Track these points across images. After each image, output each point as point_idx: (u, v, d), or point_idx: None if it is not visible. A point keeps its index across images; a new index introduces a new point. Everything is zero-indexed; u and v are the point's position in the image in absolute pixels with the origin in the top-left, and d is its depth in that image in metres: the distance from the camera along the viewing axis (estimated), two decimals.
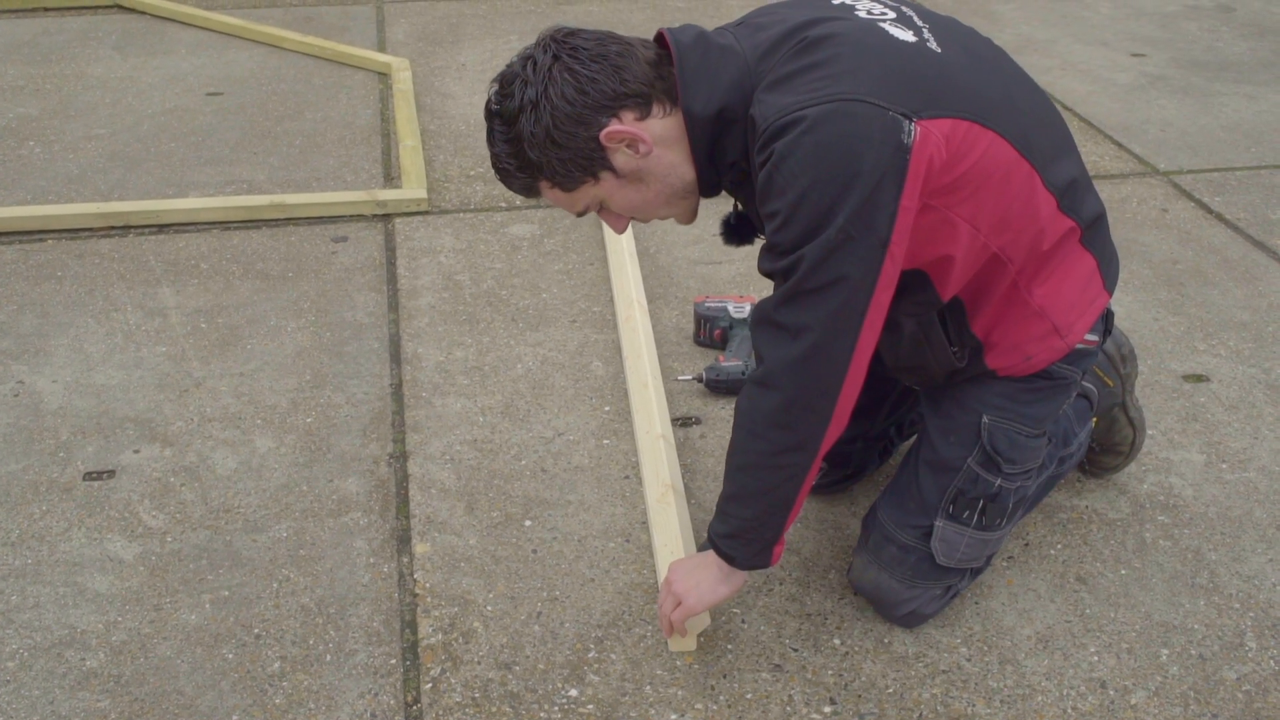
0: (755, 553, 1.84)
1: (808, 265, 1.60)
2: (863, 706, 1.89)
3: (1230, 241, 3.33)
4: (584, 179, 1.72)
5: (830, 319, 1.63)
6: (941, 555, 1.95)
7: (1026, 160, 1.70)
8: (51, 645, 1.98)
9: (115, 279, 3.05)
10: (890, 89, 1.58)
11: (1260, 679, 1.95)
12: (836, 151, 1.55)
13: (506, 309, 2.95)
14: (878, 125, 1.55)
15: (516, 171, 1.75)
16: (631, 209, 1.78)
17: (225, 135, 3.91)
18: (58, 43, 4.74)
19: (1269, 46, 4.91)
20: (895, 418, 2.28)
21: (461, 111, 4.13)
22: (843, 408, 1.70)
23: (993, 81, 1.72)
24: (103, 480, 2.35)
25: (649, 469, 2.32)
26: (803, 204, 1.57)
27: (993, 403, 1.91)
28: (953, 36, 1.73)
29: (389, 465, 2.41)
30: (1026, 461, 1.93)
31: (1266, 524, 2.28)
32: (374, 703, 1.88)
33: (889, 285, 1.64)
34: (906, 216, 1.60)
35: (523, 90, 1.67)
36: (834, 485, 2.32)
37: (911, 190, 1.58)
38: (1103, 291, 1.90)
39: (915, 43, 1.66)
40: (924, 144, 1.57)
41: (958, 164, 1.63)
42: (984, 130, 1.64)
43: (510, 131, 1.71)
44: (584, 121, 1.66)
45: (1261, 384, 2.69)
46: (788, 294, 1.64)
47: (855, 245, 1.58)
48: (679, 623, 1.90)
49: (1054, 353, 1.87)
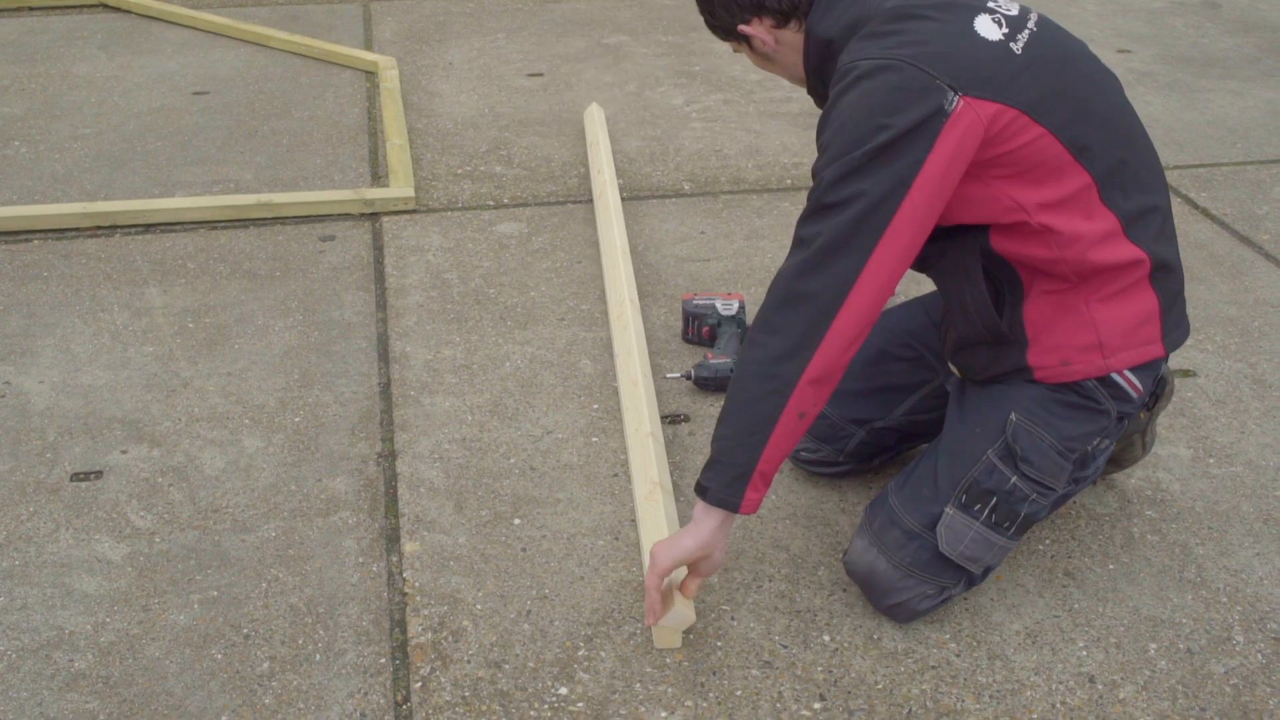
0: (727, 482, 1.82)
1: (828, 180, 1.74)
2: (852, 703, 1.89)
3: (1216, 237, 3.34)
4: (730, 39, 2.02)
5: (842, 230, 1.73)
6: (945, 543, 1.95)
7: (1084, 169, 1.81)
8: (39, 646, 1.97)
9: (102, 279, 3.04)
10: (949, 67, 1.73)
11: (1248, 673, 1.96)
12: (880, 99, 1.72)
13: (495, 307, 2.95)
14: (922, 84, 1.71)
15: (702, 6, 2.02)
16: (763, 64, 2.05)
17: (212, 134, 3.90)
18: (43, 42, 4.73)
19: (1254, 42, 4.92)
20: (909, 421, 2.26)
21: (449, 110, 4.13)
22: (839, 332, 1.75)
23: (1068, 91, 1.82)
24: (90, 481, 2.34)
25: (638, 467, 2.32)
26: (840, 134, 1.74)
27: (1024, 405, 1.94)
28: (1048, 46, 1.84)
29: (377, 464, 2.40)
30: (1045, 471, 1.93)
31: (1253, 518, 2.29)
32: (364, 702, 1.88)
33: (909, 228, 1.73)
34: (933, 171, 1.71)
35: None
36: (821, 466, 2.32)
37: (942, 149, 1.71)
38: (1158, 340, 1.94)
39: (998, 41, 1.79)
40: (963, 114, 1.71)
41: (1001, 144, 1.76)
42: (1033, 123, 1.76)
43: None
44: (730, 10, 1.96)
45: (1248, 379, 2.71)
46: (809, 209, 1.79)
47: (875, 171, 1.71)
48: (651, 587, 1.88)
49: (1092, 368, 1.91)
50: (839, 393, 2.15)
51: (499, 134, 3.94)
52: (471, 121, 4.04)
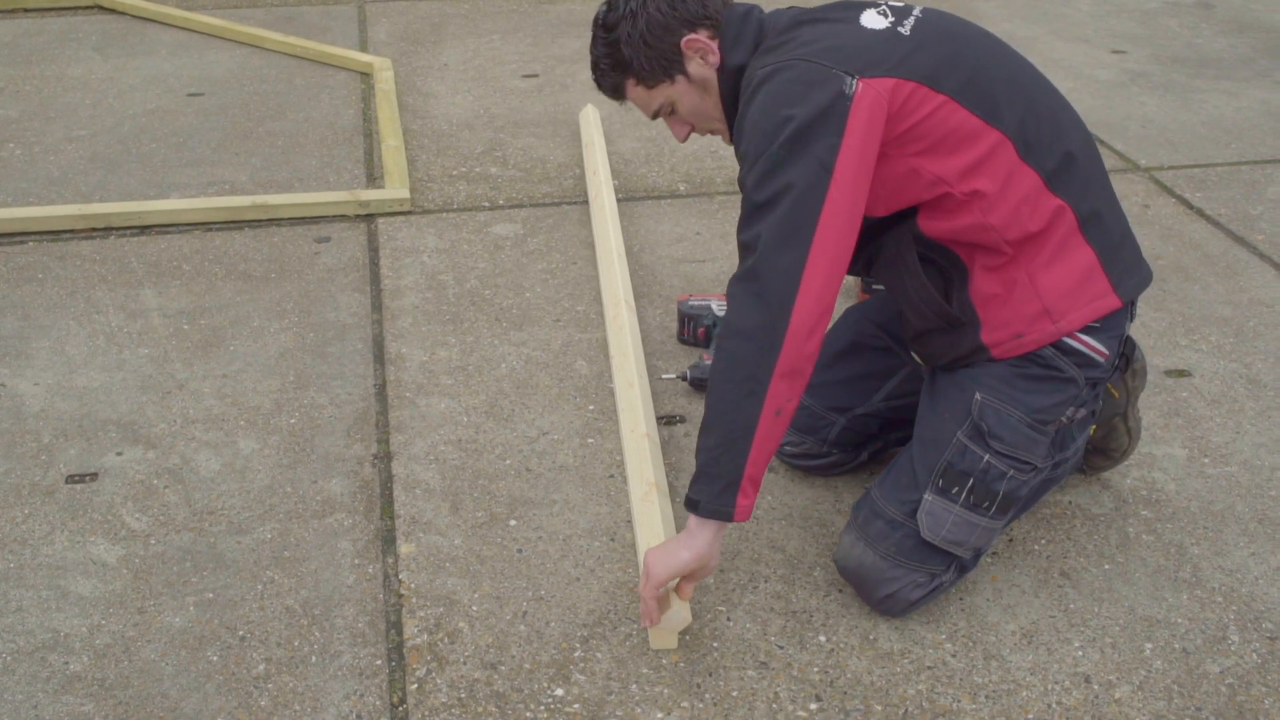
0: (716, 492, 1.83)
1: (753, 181, 1.82)
2: (848, 703, 1.89)
3: (1211, 237, 3.35)
4: (663, 78, 2.02)
5: (778, 225, 1.80)
6: (926, 529, 1.96)
7: (995, 129, 1.88)
8: (35, 649, 1.97)
9: (97, 281, 3.04)
10: (841, 57, 1.83)
11: (1243, 672, 1.96)
12: (782, 95, 1.83)
13: (490, 309, 2.95)
14: (819, 76, 1.82)
15: (610, 70, 2.05)
16: (694, 112, 2.06)
17: (207, 136, 3.90)
18: (37, 44, 4.72)
19: (1248, 43, 4.93)
20: (888, 407, 2.27)
21: (444, 111, 4.13)
22: (798, 322, 1.78)
23: (961, 61, 1.90)
24: (85, 483, 2.34)
25: (634, 467, 2.32)
26: (752, 136, 1.84)
27: (988, 384, 1.98)
28: (936, 29, 1.94)
29: (373, 466, 2.40)
30: (1017, 446, 1.95)
31: (1248, 518, 2.29)
32: (359, 704, 1.88)
33: (839, 213, 1.80)
34: (850, 154, 1.79)
35: (626, 4, 2.00)
36: (807, 459, 2.32)
37: (854, 129, 1.79)
38: (1109, 293, 1.95)
39: (884, 29, 1.90)
40: (864, 94, 1.80)
41: (906, 118, 1.84)
42: (933, 93, 1.85)
43: (609, 36, 2.02)
44: (671, 30, 1.98)
45: (1243, 379, 2.71)
46: (743, 216, 1.86)
47: (795, 162, 1.79)
48: (647, 598, 1.90)
49: (1044, 334, 1.94)
50: (816, 384, 2.21)
51: (494, 135, 3.94)
52: (467, 123, 4.04)
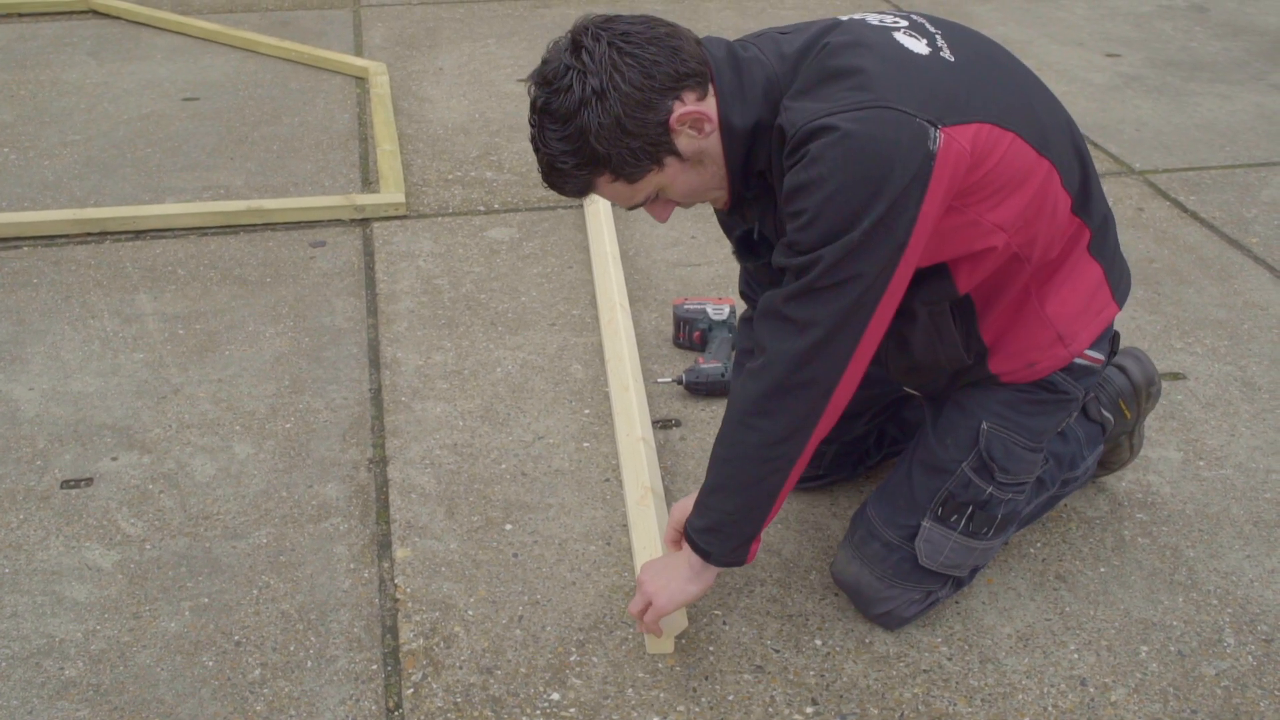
0: (732, 549, 1.84)
1: (826, 264, 1.61)
2: (844, 707, 1.89)
3: (1205, 240, 3.35)
4: (650, 167, 1.68)
5: (839, 315, 1.65)
6: (925, 556, 1.95)
7: (1046, 159, 1.73)
8: (30, 654, 1.97)
9: (92, 286, 3.04)
10: (914, 97, 1.60)
11: (1239, 674, 1.96)
12: (867, 156, 1.57)
13: (485, 313, 2.95)
14: (907, 133, 1.58)
15: (575, 170, 1.67)
16: (690, 192, 1.76)
17: (202, 140, 3.90)
18: (32, 49, 4.72)
19: (1242, 46, 4.94)
20: (875, 425, 2.28)
21: (439, 115, 4.13)
22: (835, 405, 1.72)
23: (1008, 85, 1.75)
24: (80, 488, 2.34)
25: (629, 472, 2.32)
26: (830, 205, 1.59)
27: (994, 410, 1.92)
28: (965, 43, 1.76)
29: (369, 470, 2.40)
30: (1020, 473, 1.94)
31: (1244, 520, 2.29)
32: (355, 709, 1.88)
33: (900, 288, 1.67)
34: (926, 222, 1.63)
35: (582, 82, 1.60)
36: (803, 483, 2.31)
37: (934, 196, 1.61)
38: (1111, 302, 1.92)
39: (930, 53, 1.69)
40: (948, 150, 1.60)
41: (980, 166, 1.65)
42: (1004, 132, 1.67)
43: (568, 128, 1.62)
44: (652, 106, 1.62)
45: (1237, 381, 2.71)
46: (801, 289, 1.65)
47: (875, 248, 1.61)
48: (650, 624, 1.90)
49: (1057, 360, 1.90)
50: None
51: (489, 139, 3.94)
52: (462, 127, 4.04)
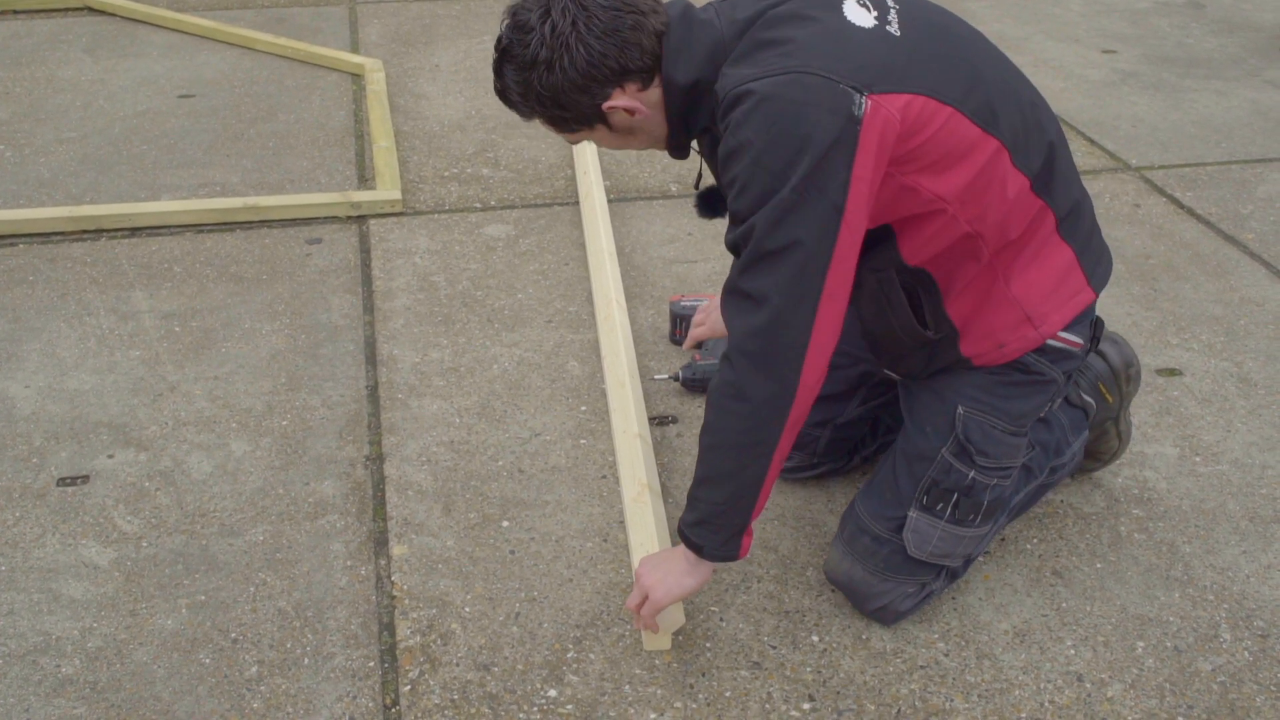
0: (724, 541, 1.83)
1: (762, 227, 1.65)
2: (841, 703, 1.89)
3: (1202, 236, 3.36)
4: (580, 129, 1.82)
5: (788, 283, 1.67)
6: (913, 546, 1.95)
7: (993, 137, 1.74)
8: (26, 652, 1.97)
9: (88, 283, 3.03)
10: (843, 66, 1.64)
11: (1235, 670, 1.96)
12: (787, 118, 1.62)
13: (482, 310, 2.95)
14: (828, 95, 1.62)
15: (520, 103, 1.80)
16: (618, 148, 1.89)
17: (198, 138, 3.89)
18: (27, 46, 4.71)
19: (1238, 43, 4.94)
20: (869, 409, 2.27)
21: (435, 112, 4.13)
22: (808, 379, 1.72)
23: (955, 62, 1.75)
24: (77, 486, 2.33)
25: (626, 468, 2.32)
26: (757, 168, 1.64)
27: (969, 394, 1.93)
28: (917, 19, 1.77)
29: (365, 467, 2.40)
30: (1002, 457, 1.94)
31: (1239, 516, 2.30)
32: (352, 705, 1.88)
33: (848, 254, 1.68)
34: (861, 186, 1.64)
35: (538, 46, 1.71)
36: (798, 472, 2.33)
37: (864, 160, 1.63)
38: (1085, 287, 1.91)
39: (873, 27, 1.71)
40: (874, 116, 1.62)
41: (913, 137, 1.67)
42: (940, 105, 1.68)
43: (520, 74, 1.75)
44: (589, 91, 1.74)
45: (1233, 377, 2.72)
46: (746, 259, 1.69)
47: (808, 208, 1.63)
48: (648, 618, 1.90)
49: (1026, 342, 1.89)
50: None
51: (486, 136, 3.94)
52: (458, 124, 4.04)
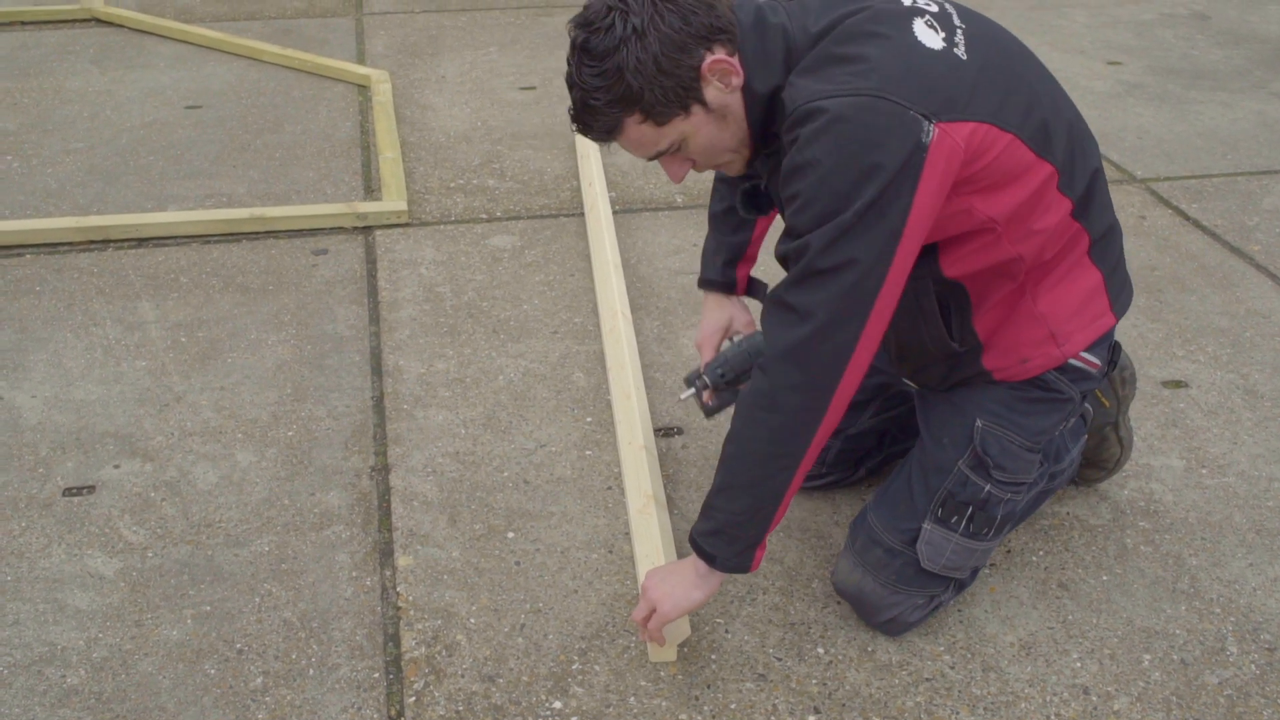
0: (738, 552, 1.83)
1: (818, 246, 1.64)
2: (847, 715, 1.89)
3: (1207, 248, 3.35)
4: (678, 111, 1.73)
5: (838, 301, 1.66)
6: (926, 559, 1.95)
7: (1047, 162, 1.75)
8: (31, 662, 1.97)
9: (94, 293, 3.04)
10: (913, 90, 1.63)
11: (1241, 683, 1.96)
12: (857, 143, 1.61)
13: (488, 320, 2.95)
14: (898, 123, 1.61)
15: (606, 107, 1.72)
16: (709, 147, 1.80)
17: (204, 148, 3.90)
18: (35, 57, 4.73)
19: (1244, 54, 4.94)
20: (880, 421, 2.28)
21: (441, 123, 4.13)
22: (841, 396, 1.72)
23: (1018, 85, 1.75)
24: (83, 496, 2.34)
25: (631, 480, 2.32)
26: (822, 187, 1.63)
27: (988, 408, 1.93)
28: (984, 41, 1.77)
29: (371, 478, 2.40)
30: (1017, 472, 1.94)
31: (1246, 529, 2.29)
32: (357, 717, 1.87)
33: (900, 277, 1.67)
34: (921, 212, 1.64)
35: (624, 21, 1.68)
36: (806, 482, 2.30)
37: (927, 188, 1.63)
38: (1108, 312, 1.92)
39: (943, 49, 1.70)
40: (940, 145, 1.63)
41: (974, 163, 1.68)
42: (1002, 133, 1.69)
43: (605, 64, 1.69)
44: (687, 49, 1.69)
45: (1240, 389, 2.71)
46: (799, 274, 1.68)
47: (867, 231, 1.63)
48: (654, 631, 1.90)
49: (1050, 359, 1.90)
50: None
51: (491, 147, 3.95)
52: (464, 135, 4.05)
